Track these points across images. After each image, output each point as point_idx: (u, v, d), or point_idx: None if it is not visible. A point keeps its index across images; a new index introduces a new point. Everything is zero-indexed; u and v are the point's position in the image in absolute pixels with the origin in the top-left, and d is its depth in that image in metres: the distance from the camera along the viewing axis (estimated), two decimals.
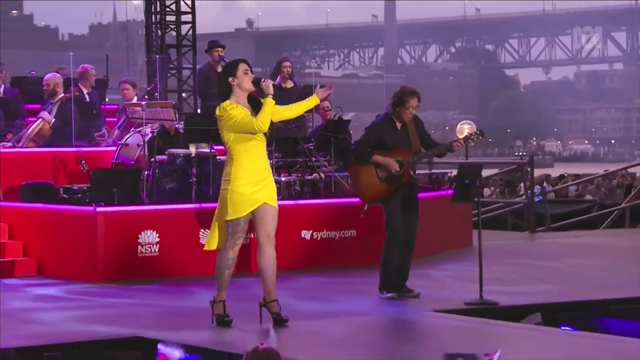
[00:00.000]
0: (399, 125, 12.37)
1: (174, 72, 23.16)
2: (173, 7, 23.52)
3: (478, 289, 12.35)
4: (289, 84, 18.32)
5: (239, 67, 10.73)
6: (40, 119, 17.37)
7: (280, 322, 10.62)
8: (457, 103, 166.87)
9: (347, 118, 15.99)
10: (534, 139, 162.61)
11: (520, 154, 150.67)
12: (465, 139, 13.39)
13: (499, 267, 15.94)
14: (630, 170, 30.38)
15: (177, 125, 15.69)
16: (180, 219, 14.30)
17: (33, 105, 18.91)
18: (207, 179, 14.34)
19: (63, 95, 17.69)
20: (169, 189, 14.68)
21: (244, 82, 10.51)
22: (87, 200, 15.03)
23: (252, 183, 10.55)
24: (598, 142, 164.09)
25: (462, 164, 14.31)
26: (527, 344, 10.52)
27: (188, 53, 23.85)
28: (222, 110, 10.53)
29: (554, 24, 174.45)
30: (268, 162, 11.01)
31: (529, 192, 23.64)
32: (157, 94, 18.59)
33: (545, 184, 29.69)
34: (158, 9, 23.30)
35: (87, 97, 18.44)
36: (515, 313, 11.88)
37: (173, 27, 23.29)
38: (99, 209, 14.38)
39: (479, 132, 13.82)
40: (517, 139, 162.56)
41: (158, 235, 14.33)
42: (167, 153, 14.99)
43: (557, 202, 26.96)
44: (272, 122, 10.77)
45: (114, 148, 16.65)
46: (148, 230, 14.34)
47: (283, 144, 15.74)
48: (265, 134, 10.69)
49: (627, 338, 10.87)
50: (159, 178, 14.95)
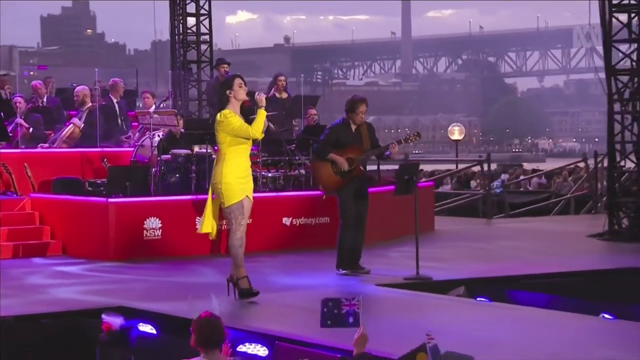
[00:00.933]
0: (354, 128, 12.43)
1: (194, 84, 22.96)
2: (194, 29, 23.32)
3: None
4: (284, 95, 18.40)
5: (235, 81, 10.76)
6: (72, 124, 17.40)
7: (248, 292, 10.61)
8: (463, 107, 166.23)
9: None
10: (529, 138, 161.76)
11: (517, 150, 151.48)
12: (405, 140, 13.41)
13: (443, 248, 15.92)
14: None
15: (181, 130, 15.59)
16: (180, 208, 14.29)
17: (75, 112, 18.61)
18: (204, 175, 14.19)
19: (91, 104, 17.63)
20: (172, 183, 14.69)
21: (239, 94, 10.51)
22: (104, 193, 15.01)
23: (239, 177, 10.59)
24: (584, 140, 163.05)
25: (401, 162, 14.23)
26: (446, 312, 10.63)
27: (207, 67, 23.55)
28: (222, 117, 10.54)
29: (547, 40, 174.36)
30: (249, 162, 11.11)
31: (488, 184, 23.38)
32: (167, 103, 18.44)
33: (503, 177, 29.21)
34: (181, 31, 23.19)
35: (116, 105, 18.35)
36: (444, 286, 11.91)
37: (194, 46, 23.12)
38: (111, 200, 14.47)
39: (417, 133, 13.94)
40: (514, 138, 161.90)
41: (160, 222, 14.35)
42: (170, 153, 15.02)
43: (521, 193, 26.85)
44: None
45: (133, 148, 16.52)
46: (152, 217, 14.34)
47: (270, 145, 15.69)
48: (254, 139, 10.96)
49: (526, 307, 11.04)
50: (164, 174, 14.97)
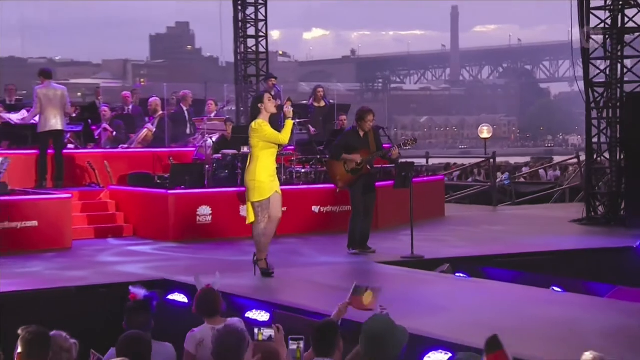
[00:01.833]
0: (362, 134, 12.45)
1: (253, 94, 22.09)
2: (253, 48, 23.19)
3: (414, 247, 12.26)
4: (322, 103, 18.33)
5: (265, 96, 10.87)
6: (146, 129, 17.66)
7: (267, 273, 10.73)
8: (503, 109, 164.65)
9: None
10: (561, 134, 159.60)
11: (550, 145, 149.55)
12: (404, 144, 13.41)
13: (443, 231, 15.66)
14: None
15: (230, 134, 15.58)
16: (227, 198, 14.24)
17: (151, 118, 18.56)
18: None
19: (161, 112, 17.90)
20: (222, 177, 14.80)
21: (269, 106, 10.62)
22: (167, 186, 15.07)
23: (269, 175, 10.63)
24: None
25: (400, 162, 13.81)
26: (429, 285, 10.68)
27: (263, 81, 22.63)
28: (257, 125, 10.59)
29: (576, 50, 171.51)
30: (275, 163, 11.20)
31: (493, 177, 23.01)
32: (225, 110, 18.64)
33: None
34: (242, 50, 23.11)
35: (185, 112, 18.42)
36: (433, 264, 11.85)
37: (253, 62, 23.02)
38: (170, 192, 14.57)
39: (414, 139, 14.01)
40: (548, 135, 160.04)
41: (211, 209, 14.38)
42: (221, 153, 15.15)
43: (530, 183, 26.33)
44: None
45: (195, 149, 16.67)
46: (204, 206, 14.38)
47: (303, 146, 15.89)
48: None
49: (493, 281, 11.05)
50: (216, 170, 15.05)
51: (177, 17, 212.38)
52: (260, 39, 23.03)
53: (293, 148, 16.04)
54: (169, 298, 9.73)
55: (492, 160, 22.85)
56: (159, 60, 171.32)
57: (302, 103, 19.75)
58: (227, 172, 14.84)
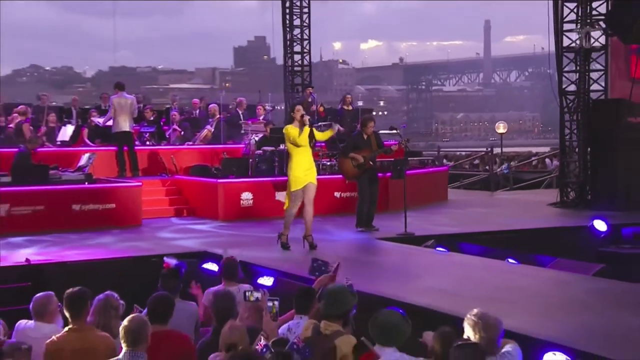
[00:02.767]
0: (365, 136, 12.59)
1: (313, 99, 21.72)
2: (299, 62, 22.84)
3: (407, 225, 12.26)
4: (349, 107, 18.30)
5: (296, 107, 11.05)
6: (206, 129, 17.88)
7: (313, 246, 10.90)
8: (529, 106, 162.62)
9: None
10: None
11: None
12: (400, 145, 13.57)
13: (439, 213, 15.33)
14: None
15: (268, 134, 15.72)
16: (266, 186, 14.34)
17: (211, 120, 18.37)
18: (282, 164, 14.14)
19: (219, 116, 18.04)
20: (262, 169, 14.95)
21: (297, 115, 10.72)
22: (219, 175, 15.06)
23: (301, 170, 10.76)
24: None
25: (395, 159, 13.76)
26: (412, 257, 10.78)
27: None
28: (285, 130, 10.90)
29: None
30: (312, 158, 11.11)
31: (491, 166, 22.91)
32: (266, 114, 18.51)
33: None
34: (290, 63, 22.86)
35: (241, 115, 18.38)
36: (421, 240, 11.81)
37: (299, 74, 22.73)
38: (219, 181, 14.59)
39: (407, 139, 14.09)
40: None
41: (252, 194, 14.44)
42: (262, 149, 15.31)
43: (529, 172, 25.74)
44: (314, 139, 11.02)
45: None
46: (246, 192, 14.46)
47: (329, 143, 15.67)
48: (310, 145, 10.94)
49: (467, 255, 11.03)
50: (257, 163, 15.10)
51: (256, 32, 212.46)
52: (305, 54, 22.84)
53: (325, 145, 16.09)
54: (204, 266, 9.77)
55: (490, 153, 22.74)
56: (241, 68, 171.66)
57: (333, 107, 19.73)
58: (266, 165, 14.98)
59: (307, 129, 10.81)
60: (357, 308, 6.57)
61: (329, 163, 15.76)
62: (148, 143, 17.63)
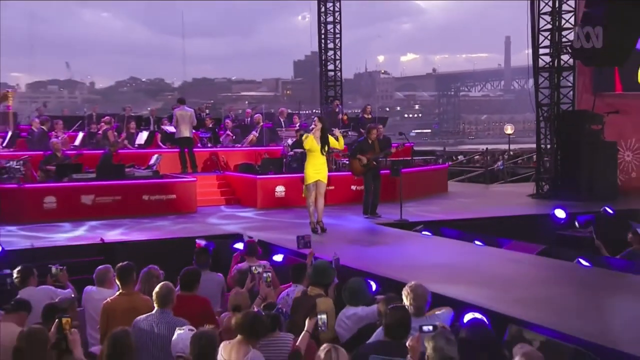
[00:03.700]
0: (370, 141, 12.53)
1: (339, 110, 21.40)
2: (332, 77, 22.68)
3: (403, 213, 12.18)
4: (369, 116, 18.31)
5: (315, 120, 11.19)
6: (252, 134, 17.98)
7: (323, 230, 10.89)
8: None
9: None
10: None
11: None
12: (398, 148, 13.46)
13: (435, 204, 14.83)
14: None
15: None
16: (295, 181, 13.78)
17: (267, 125, 18.70)
18: None
19: (261, 124, 18.16)
20: (294, 167, 14.86)
21: (313, 127, 10.97)
22: (259, 172, 15.17)
23: (312, 169, 10.85)
24: None
25: (393, 160, 13.71)
26: (401, 240, 10.63)
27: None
28: (302, 137, 11.21)
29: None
30: (324, 160, 10.97)
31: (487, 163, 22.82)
32: (301, 122, 18.48)
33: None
34: (324, 80, 22.79)
35: (282, 122, 18.36)
36: (412, 225, 11.71)
37: (332, 87, 22.72)
38: (258, 177, 14.65)
39: (390, 150, 13.23)
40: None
41: (284, 188, 14.43)
42: (293, 151, 15.31)
43: (525, 167, 24.78)
44: (329, 146, 10.92)
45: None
46: (280, 185, 14.50)
47: (349, 145, 15.46)
48: (322, 150, 10.84)
49: (445, 238, 10.92)
50: (290, 162, 15.17)
51: (312, 47, 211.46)
52: (337, 72, 22.78)
53: (346, 147, 15.70)
54: (235, 246, 9.69)
55: (486, 151, 22.68)
56: (299, 79, 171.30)
57: (356, 116, 19.89)
58: (297, 163, 14.82)
59: (311, 137, 10.84)
60: (338, 279, 6.97)
61: (347, 162, 15.70)
62: (209, 145, 17.83)
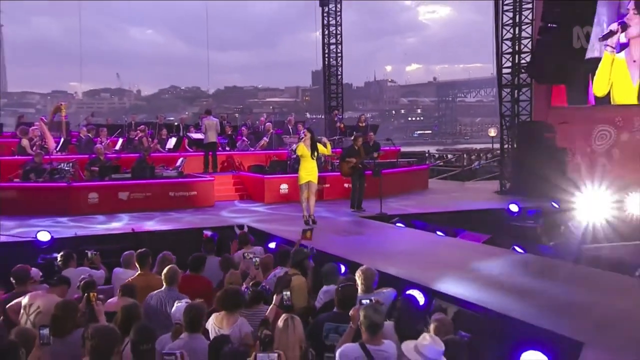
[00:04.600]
0: (356, 147, 12.66)
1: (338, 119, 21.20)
2: (334, 90, 22.96)
3: (386, 207, 12.24)
4: (363, 124, 17.95)
5: (304, 131, 11.43)
6: (263, 139, 17.88)
7: (314, 222, 10.94)
8: None
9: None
10: None
11: None
12: (379, 153, 13.62)
13: (413, 199, 14.72)
14: None
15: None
16: (296, 180, 12.08)
17: (278, 131, 18.51)
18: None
19: (272, 131, 18.04)
20: (296, 168, 12.92)
21: (303, 135, 11.24)
22: (267, 172, 15.05)
23: (304, 171, 11.04)
24: None
25: (376, 162, 13.46)
26: (377, 230, 10.73)
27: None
28: (296, 145, 11.54)
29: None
30: (314, 164, 11.12)
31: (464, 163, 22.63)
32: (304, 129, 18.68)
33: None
34: (327, 92, 23.10)
35: (290, 129, 18.10)
36: (389, 218, 11.71)
37: (334, 98, 22.60)
38: (265, 177, 14.74)
39: (378, 154, 13.53)
40: None
41: (287, 185, 14.48)
42: (295, 154, 13.85)
43: (497, 166, 24.73)
44: (318, 152, 11.01)
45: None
46: (284, 183, 14.62)
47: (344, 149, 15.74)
48: (312, 156, 10.92)
49: (414, 229, 11.03)
50: (293, 164, 14.80)
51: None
52: (339, 85, 22.95)
53: (341, 150, 14.96)
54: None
55: (463, 153, 22.86)
56: (316, 87, 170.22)
57: (351, 125, 19.69)
58: (298, 166, 13.39)
59: (302, 145, 11.02)
60: (317, 263, 7.42)
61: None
62: (228, 148, 18.07)
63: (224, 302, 5.34)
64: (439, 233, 10.41)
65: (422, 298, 6.27)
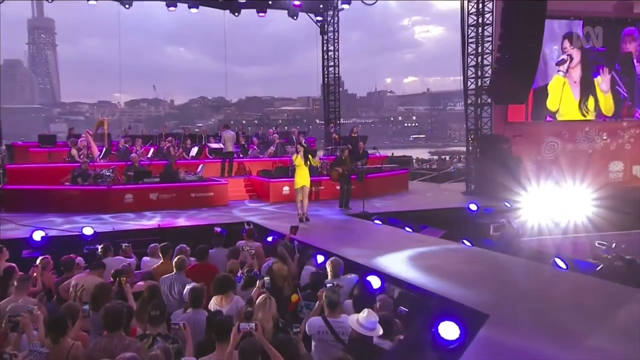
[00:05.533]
0: (344, 157, 12.80)
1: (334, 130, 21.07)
2: (333, 104, 22.74)
3: (369, 206, 12.14)
4: (355, 135, 17.56)
5: (300, 144, 11.49)
6: (271, 148, 17.88)
7: (307, 219, 10.94)
8: None
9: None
10: None
11: None
12: (362, 162, 13.38)
13: (393, 200, 14.42)
14: None
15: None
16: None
17: (285, 140, 18.33)
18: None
19: (278, 141, 18.08)
20: None
21: (298, 148, 11.28)
22: (272, 177, 14.89)
23: (299, 177, 11.08)
24: None
25: (359, 168, 13.16)
26: (358, 226, 10.65)
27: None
28: (293, 155, 11.44)
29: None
30: (307, 171, 11.10)
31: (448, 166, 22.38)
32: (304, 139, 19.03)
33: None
34: (327, 106, 23.24)
35: (295, 140, 18.03)
36: (370, 216, 11.43)
37: (332, 111, 22.82)
38: (270, 180, 14.66)
39: (365, 161, 13.53)
40: None
41: (288, 187, 13.52)
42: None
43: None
44: (310, 162, 10.98)
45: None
46: (286, 186, 14.22)
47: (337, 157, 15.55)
48: (305, 164, 10.95)
49: (388, 225, 10.77)
50: (293, 170, 12.97)
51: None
52: (336, 101, 22.78)
53: (334, 158, 15.03)
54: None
55: (439, 157, 22.94)
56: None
57: (345, 136, 19.61)
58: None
59: (297, 156, 11.09)
60: (300, 253, 7.77)
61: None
62: (240, 156, 18.05)
63: (215, 286, 5.79)
64: (407, 229, 10.41)
65: (378, 282, 6.70)
